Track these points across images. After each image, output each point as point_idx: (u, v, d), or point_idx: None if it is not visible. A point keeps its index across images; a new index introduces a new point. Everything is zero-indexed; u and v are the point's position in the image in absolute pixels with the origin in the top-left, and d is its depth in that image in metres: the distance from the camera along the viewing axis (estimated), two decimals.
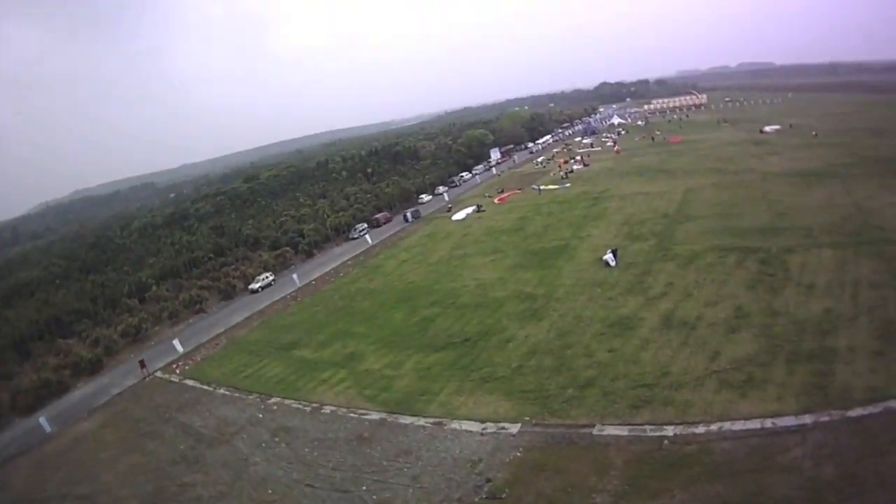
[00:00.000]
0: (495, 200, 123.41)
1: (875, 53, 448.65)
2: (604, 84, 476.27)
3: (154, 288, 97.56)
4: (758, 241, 62.74)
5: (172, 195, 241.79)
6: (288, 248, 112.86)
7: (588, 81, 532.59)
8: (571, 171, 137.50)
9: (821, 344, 39.41)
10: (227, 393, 57.42)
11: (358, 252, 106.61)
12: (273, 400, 52.88)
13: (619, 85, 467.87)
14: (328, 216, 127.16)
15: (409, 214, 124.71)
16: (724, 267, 57.28)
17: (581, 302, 56.93)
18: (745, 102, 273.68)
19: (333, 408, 48.45)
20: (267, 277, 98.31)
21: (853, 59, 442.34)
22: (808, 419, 32.00)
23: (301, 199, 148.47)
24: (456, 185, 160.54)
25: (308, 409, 49.58)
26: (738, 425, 32.92)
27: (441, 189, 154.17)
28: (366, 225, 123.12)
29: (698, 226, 73.28)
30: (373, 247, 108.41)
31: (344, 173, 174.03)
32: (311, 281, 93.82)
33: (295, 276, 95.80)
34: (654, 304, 52.24)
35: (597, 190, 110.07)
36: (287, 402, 51.89)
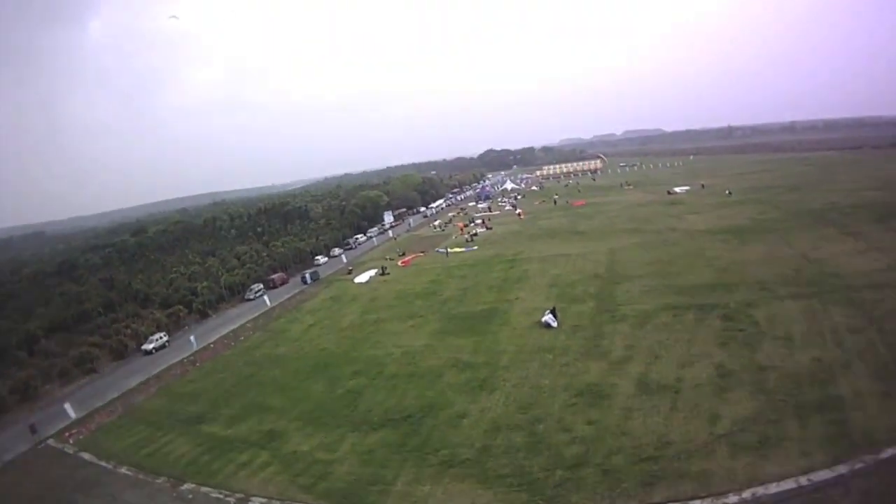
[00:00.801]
0: (398, 263, 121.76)
1: (766, 118, 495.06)
2: (489, 151, 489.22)
3: (43, 341, 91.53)
4: (710, 297, 63.72)
5: (62, 246, 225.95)
6: (181, 307, 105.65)
7: (472, 150, 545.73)
8: (475, 234, 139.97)
9: (824, 393, 39.43)
10: (129, 473, 50.21)
11: (257, 314, 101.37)
12: (187, 486, 46.13)
13: (506, 152, 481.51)
14: (222, 274, 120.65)
15: (307, 276, 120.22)
16: (684, 325, 57.12)
17: (534, 369, 54.15)
18: (642, 166, 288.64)
19: (263, 500, 42.07)
20: (161, 338, 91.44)
21: (749, 123, 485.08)
22: (843, 469, 31.66)
23: (190, 257, 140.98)
24: (351, 248, 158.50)
25: (232, 500, 43.04)
26: (773, 488, 31.60)
27: (337, 251, 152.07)
28: (262, 285, 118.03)
29: (637, 285, 73.91)
30: (272, 309, 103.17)
31: (233, 231, 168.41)
32: (209, 344, 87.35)
33: (192, 337, 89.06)
34: (622, 368, 50.50)
35: (510, 252, 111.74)
36: (204, 489, 45.14)
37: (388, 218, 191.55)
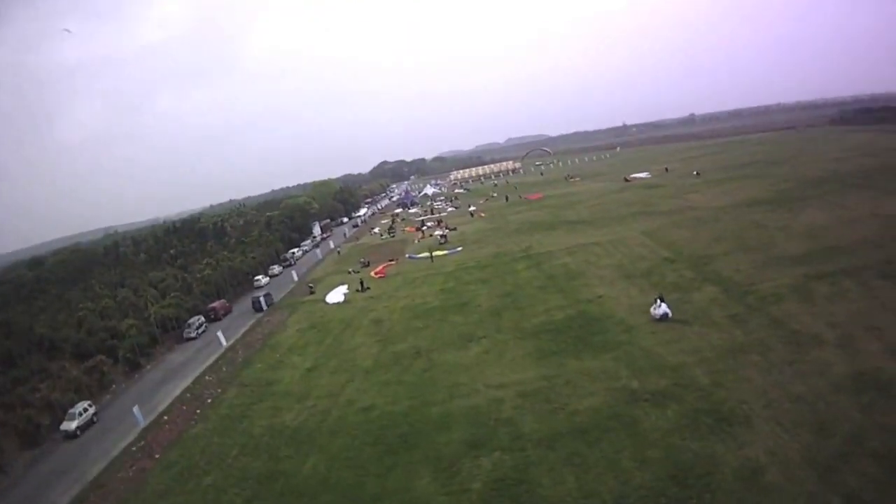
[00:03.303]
0: (371, 274, 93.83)
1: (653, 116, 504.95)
2: (384, 163, 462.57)
3: None
4: (840, 261, 52.60)
5: None
6: (102, 357, 68.77)
7: (359, 167, 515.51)
8: (445, 236, 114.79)
9: None
10: None
11: (213, 359, 67.67)
12: None
13: (401, 163, 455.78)
14: (149, 307, 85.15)
15: (261, 300, 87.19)
16: (862, 292, 45.02)
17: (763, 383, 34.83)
18: (559, 163, 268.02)
19: None
20: (86, 409, 55.52)
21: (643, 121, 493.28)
22: None
23: (97, 289, 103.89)
24: (291, 264, 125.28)
25: None
26: None
27: (276, 269, 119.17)
28: (202, 318, 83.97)
29: (734, 262, 59.13)
30: (232, 350, 69.65)
31: (142, 256, 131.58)
32: (161, 415, 53.33)
33: (136, 409, 53.17)
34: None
35: (514, 249, 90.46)
36: None
37: (317, 230, 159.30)
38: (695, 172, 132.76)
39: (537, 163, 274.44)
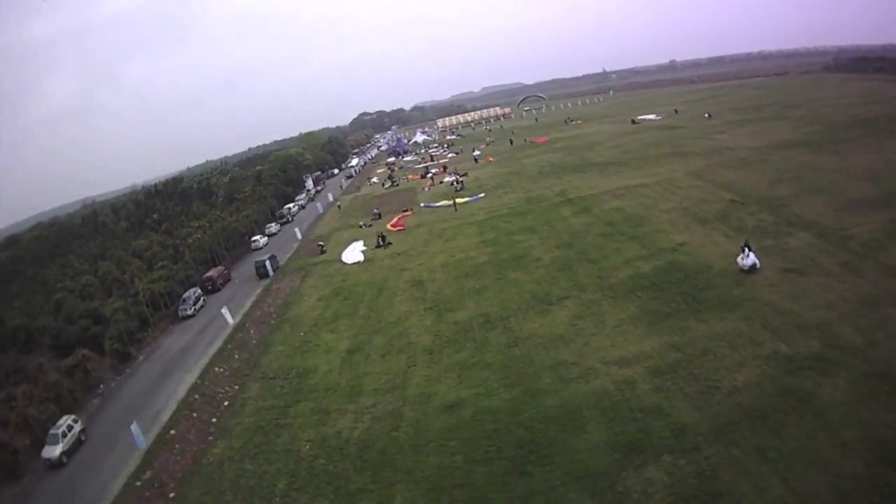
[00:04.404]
0: (388, 227, 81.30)
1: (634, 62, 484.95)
2: (363, 114, 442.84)
3: None
4: None
5: None
6: (86, 352, 54.09)
7: (338, 119, 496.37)
8: (461, 182, 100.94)
9: None
10: None
11: (219, 343, 53.92)
12: None
13: (381, 114, 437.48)
14: (136, 283, 71.07)
15: (266, 265, 73.55)
16: None
17: None
18: (551, 108, 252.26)
19: None
20: (71, 427, 41.41)
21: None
22: None
23: (77, 264, 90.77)
24: (288, 221, 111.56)
25: None
26: None
27: (273, 227, 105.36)
28: (199, 291, 70.25)
29: (813, 204, 51.15)
30: (240, 329, 55.89)
31: (123, 224, 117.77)
32: (168, 431, 39.10)
33: (133, 427, 38.44)
34: None
35: (548, 193, 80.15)
36: None
37: (309, 183, 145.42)
38: (706, 115, 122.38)
39: (526, 108, 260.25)
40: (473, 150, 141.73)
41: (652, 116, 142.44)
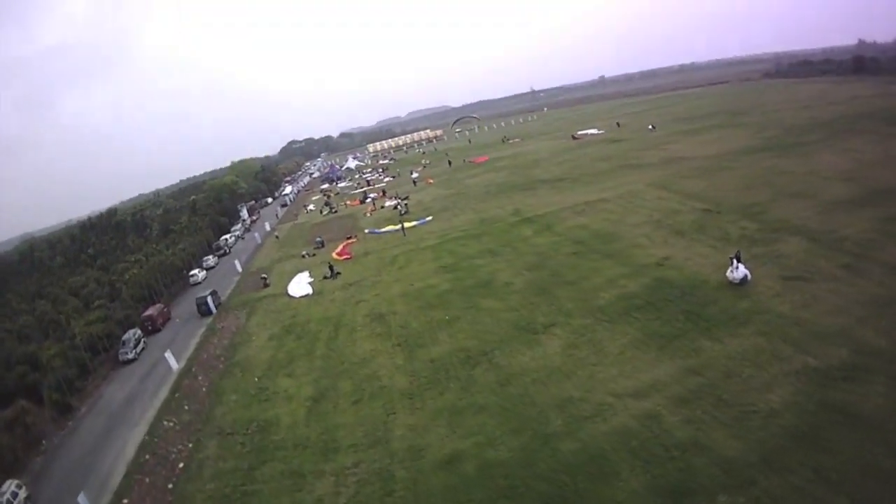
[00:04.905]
0: (334, 255, 76.84)
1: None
2: (292, 142, 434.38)
3: None
4: None
5: None
6: (24, 404, 47.11)
7: (266, 150, 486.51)
8: (405, 205, 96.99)
9: None
10: None
11: (165, 391, 47.58)
12: None
13: (310, 141, 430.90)
14: (72, 321, 64.43)
15: (209, 301, 67.26)
16: None
17: None
18: (484, 128, 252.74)
19: None
20: (16, 493, 35.08)
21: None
22: None
23: (13, 303, 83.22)
24: (226, 253, 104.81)
25: None
26: None
27: (211, 259, 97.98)
28: (139, 332, 63.57)
29: (793, 208, 49.76)
30: (186, 375, 49.64)
31: (59, 259, 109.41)
32: (120, 500, 33.02)
33: (81, 498, 32.47)
34: None
35: (502, 213, 76.03)
36: None
37: (244, 213, 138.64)
38: (650, 126, 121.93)
39: (457, 130, 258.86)
40: (411, 173, 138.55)
41: (593, 131, 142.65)
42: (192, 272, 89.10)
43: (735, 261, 37.58)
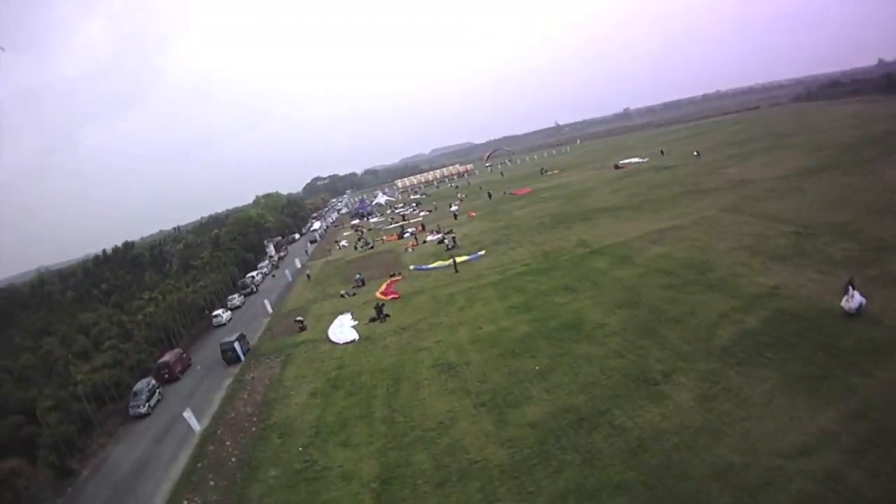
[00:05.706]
0: (378, 294, 68.92)
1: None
2: (317, 178, 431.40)
3: None
4: None
5: None
6: (15, 464, 40.01)
7: (290, 187, 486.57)
8: (453, 239, 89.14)
9: None
10: None
11: (184, 459, 39.55)
12: None
13: (335, 178, 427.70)
14: (76, 369, 56.38)
15: (236, 347, 58.88)
16: None
17: None
18: (518, 162, 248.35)
19: None
20: None
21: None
22: None
23: (18, 340, 76.51)
24: (253, 291, 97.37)
25: None
26: None
27: (236, 299, 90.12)
28: (153, 381, 55.94)
29: (891, 227, 45.98)
30: (211, 439, 41.47)
31: (70, 294, 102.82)
32: None
33: None
34: None
35: (566, 245, 68.65)
36: None
37: (271, 248, 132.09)
38: (694, 153, 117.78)
39: (487, 164, 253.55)
40: (450, 206, 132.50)
41: (636, 160, 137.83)
42: (216, 312, 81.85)
43: (851, 287, 33.01)
